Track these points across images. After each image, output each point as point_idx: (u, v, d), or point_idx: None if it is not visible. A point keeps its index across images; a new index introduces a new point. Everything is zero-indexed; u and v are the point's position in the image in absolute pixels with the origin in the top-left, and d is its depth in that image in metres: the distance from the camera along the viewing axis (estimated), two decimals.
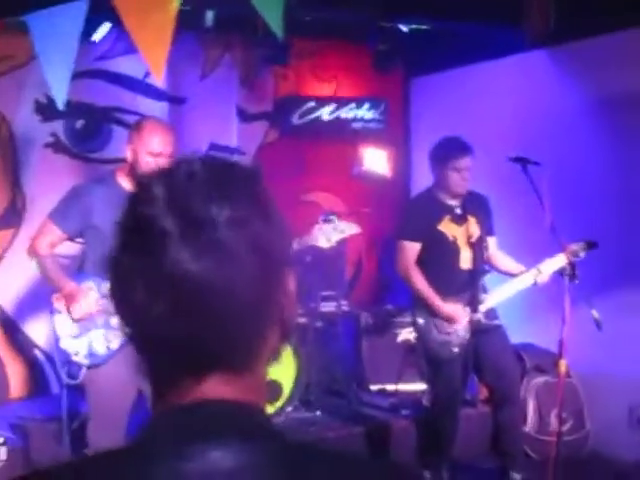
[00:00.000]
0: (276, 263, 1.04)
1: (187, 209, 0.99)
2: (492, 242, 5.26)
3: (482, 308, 5.01)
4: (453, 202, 5.09)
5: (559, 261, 4.81)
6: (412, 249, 5.06)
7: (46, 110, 6.39)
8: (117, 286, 1.03)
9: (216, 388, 1.01)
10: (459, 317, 4.95)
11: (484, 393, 6.18)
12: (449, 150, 5.01)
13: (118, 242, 1.03)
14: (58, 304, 4.22)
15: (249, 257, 0.99)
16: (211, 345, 1.00)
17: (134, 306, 1.00)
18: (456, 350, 4.98)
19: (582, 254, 4.85)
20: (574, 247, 4.82)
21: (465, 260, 5.07)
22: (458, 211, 5.09)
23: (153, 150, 4.01)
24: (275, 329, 1.07)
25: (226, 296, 0.98)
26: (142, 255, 0.99)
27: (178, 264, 0.97)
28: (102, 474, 1.00)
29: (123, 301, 1.02)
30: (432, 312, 4.98)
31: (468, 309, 5.00)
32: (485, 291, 5.09)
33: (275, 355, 1.09)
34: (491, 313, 5.09)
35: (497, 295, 5.06)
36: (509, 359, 5.22)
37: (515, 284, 5.04)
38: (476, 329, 5.01)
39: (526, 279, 4.99)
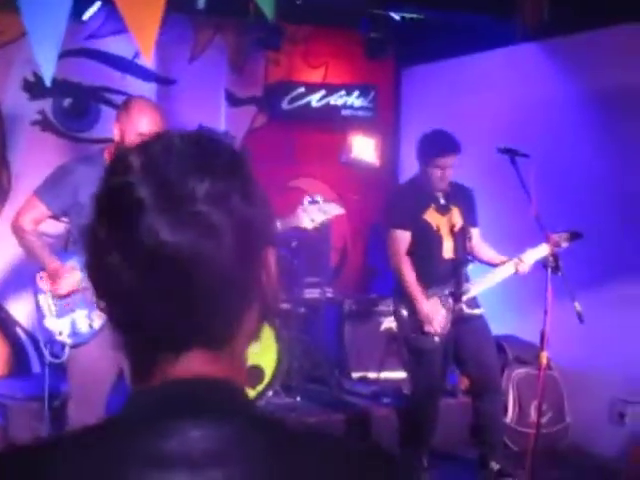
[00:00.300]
0: (257, 240, 1.03)
1: (164, 180, 0.97)
2: (475, 233, 5.27)
3: (464, 297, 5.03)
4: (437, 192, 5.10)
5: (541, 251, 4.84)
6: (404, 238, 5.07)
7: (34, 88, 6.36)
8: (93, 258, 1.01)
9: (195, 365, 1.00)
10: (435, 320, 4.96)
11: (465, 383, 6.20)
12: (434, 146, 5.00)
13: (93, 213, 1.01)
14: (42, 283, 4.20)
15: (228, 231, 0.97)
16: (189, 320, 0.98)
17: (110, 278, 0.98)
18: (437, 340, 5.00)
19: (565, 244, 4.89)
20: (557, 237, 4.85)
21: (448, 250, 5.10)
22: (442, 201, 5.11)
23: (141, 130, 3.98)
24: (254, 307, 1.04)
25: (204, 270, 0.96)
26: (117, 225, 0.97)
27: (154, 234, 0.94)
28: (78, 450, 0.99)
29: (99, 274, 1.00)
30: (414, 309, 4.99)
31: (450, 302, 5.02)
32: (467, 281, 5.11)
33: (254, 335, 1.07)
34: (472, 302, 5.11)
35: (479, 284, 5.09)
36: (490, 349, 5.24)
37: (497, 273, 5.07)
38: (458, 318, 5.03)
39: (507, 268, 5.02)
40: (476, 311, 5.13)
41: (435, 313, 4.97)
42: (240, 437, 0.97)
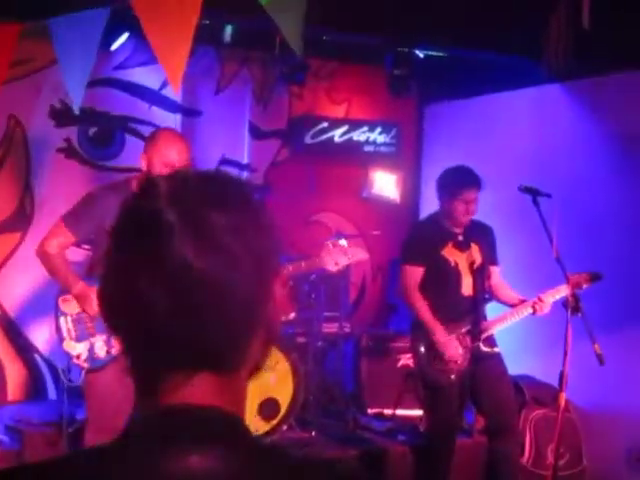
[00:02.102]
0: (268, 271, 1.08)
1: (190, 209, 1.02)
2: (496, 271, 5.25)
3: (482, 336, 5.01)
4: (457, 229, 5.10)
5: (561, 291, 4.81)
6: (415, 273, 5.06)
7: (61, 115, 6.43)
8: (115, 280, 1.04)
9: (201, 391, 1.04)
10: (453, 355, 4.94)
11: (481, 422, 6.16)
12: (457, 181, 5.00)
13: (118, 237, 1.06)
14: (64, 305, 4.22)
15: (246, 262, 1.03)
16: (205, 342, 1.03)
17: (135, 299, 1.01)
18: (453, 377, 4.97)
19: (585, 285, 4.85)
20: (578, 278, 4.82)
21: (466, 286, 5.08)
22: (461, 238, 5.09)
23: (168, 160, 4.02)
24: (260, 334, 1.09)
25: (225, 294, 1.02)
26: (146, 248, 1.01)
27: (183, 258, 0.99)
28: (82, 471, 1.02)
29: (121, 295, 1.03)
30: (431, 340, 4.97)
31: (468, 340, 5.00)
32: (485, 319, 5.09)
33: (258, 365, 1.12)
34: (490, 341, 5.08)
35: (497, 323, 5.06)
36: (506, 388, 5.17)
37: (516, 313, 5.03)
38: (475, 357, 5.00)
39: (526, 308, 4.99)
40: (494, 349, 5.10)
41: (453, 346, 4.95)
42: (238, 465, 1.01)
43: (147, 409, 1.05)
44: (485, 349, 5.04)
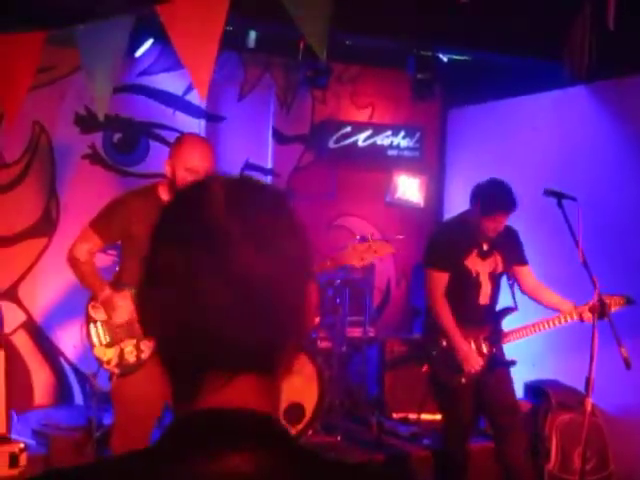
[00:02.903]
0: (306, 273, 1.11)
1: (244, 212, 1.05)
2: (527, 272, 5.19)
3: (504, 342, 5.01)
4: (483, 239, 5.04)
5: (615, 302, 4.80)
6: (442, 279, 5.02)
7: (85, 122, 6.47)
8: (172, 281, 1.04)
9: (242, 391, 1.05)
10: (472, 361, 4.93)
11: None
12: (495, 203, 4.87)
13: (166, 240, 1.07)
14: (94, 312, 4.25)
15: (294, 263, 1.07)
16: (255, 343, 1.05)
17: (197, 298, 1.03)
18: (464, 380, 4.96)
19: (615, 308, 4.79)
20: (609, 299, 4.75)
21: (484, 296, 5.04)
22: (486, 247, 5.04)
23: (192, 165, 4.03)
24: (293, 339, 1.11)
25: (280, 297, 1.05)
26: (209, 252, 1.03)
27: (244, 262, 1.02)
28: (119, 475, 1.04)
29: (179, 294, 1.04)
30: (450, 346, 4.96)
31: (485, 346, 4.99)
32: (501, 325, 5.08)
33: (290, 367, 1.13)
34: (503, 348, 5.08)
35: (524, 331, 5.03)
36: (511, 391, 5.17)
37: (553, 321, 4.99)
38: (490, 363, 4.99)
39: (570, 316, 4.94)
40: (507, 358, 5.09)
41: (472, 354, 4.94)
42: (277, 466, 1.02)
43: (187, 412, 1.06)
44: (500, 357, 5.04)
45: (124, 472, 1.04)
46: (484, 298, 5.05)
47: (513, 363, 5.09)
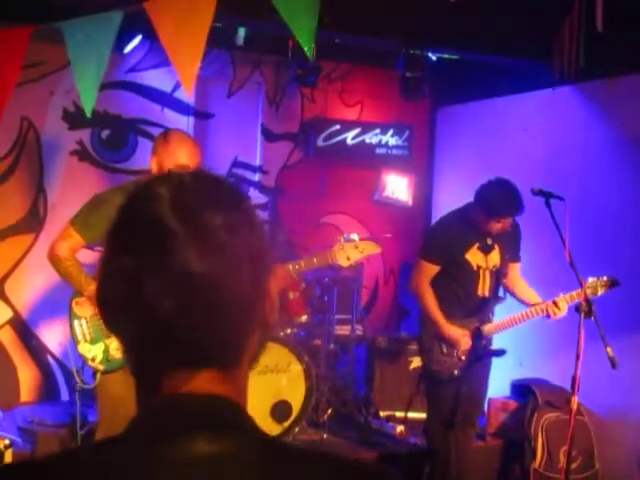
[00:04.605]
0: (263, 267, 1.11)
1: (190, 211, 1.05)
2: (515, 268, 5.26)
3: (488, 333, 5.04)
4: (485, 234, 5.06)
5: (575, 297, 4.79)
6: (430, 270, 5.07)
7: (74, 118, 6.45)
8: (120, 282, 1.05)
9: (206, 384, 1.06)
10: (462, 343, 4.96)
11: (493, 426, 6.16)
12: (505, 206, 4.89)
13: (121, 239, 1.08)
14: (78, 308, 4.23)
15: (244, 259, 1.06)
16: (208, 342, 1.06)
17: (140, 301, 1.03)
18: (456, 372, 4.99)
19: (602, 291, 4.83)
20: (595, 282, 4.80)
21: (483, 288, 5.08)
22: (489, 241, 5.06)
23: (179, 162, 4.02)
24: (257, 333, 1.12)
25: (226, 294, 1.05)
26: (151, 252, 1.04)
27: (187, 263, 1.02)
28: (91, 462, 1.05)
29: (126, 296, 1.05)
30: (437, 333, 5.00)
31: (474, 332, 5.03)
32: (492, 317, 5.12)
33: (255, 359, 1.15)
34: (491, 340, 5.13)
35: (506, 324, 5.06)
36: (485, 390, 5.35)
37: (527, 315, 5.01)
38: (480, 354, 5.02)
39: (538, 311, 4.97)
40: (493, 348, 5.15)
41: (461, 335, 4.96)
42: (242, 451, 1.04)
43: (151, 402, 1.08)
44: (489, 348, 5.10)
45: (80, 464, 1.06)
46: (482, 290, 5.09)
47: (503, 352, 5.12)
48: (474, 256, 5.04)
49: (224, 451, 1.02)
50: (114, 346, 4.15)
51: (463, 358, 5.01)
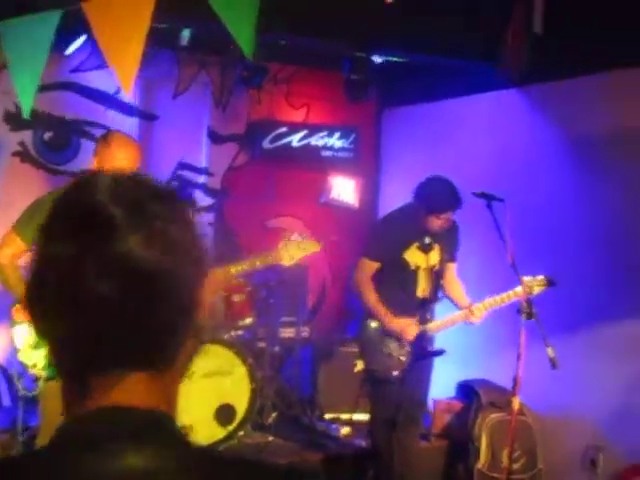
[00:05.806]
0: (198, 270, 1.08)
1: (130, 199, 1.03)
2: (451, 268, 5.32)
3: (430, 331, 5.10)
4: (425, 232, 5.10)
5: (493, 303, 4.89)
6: (370, 266, 5.14)
7: (15, 119, 6.35)
8: (56, 277, 1.02)
9: (133, 390, 1.04)
10: (409, 331, 5.00)
11: (438, 427, 6.19)
12: (442, 203, 4.95)
13: (56, 232, 1.04)
14: (18, 315, 4.17)
15: (186, 254, 1.05)
16: (145, 339, 1.03)
17: (82, 294, 1.00)
18: (396, 373, 5.02)
19: (537, 290, 4.88)
20: (531, 282, 4.85)
21: (422, 289, 5.13)
22: (427, 240, 5.10)
23: (119, 164, 3.98)
24: (190, 340, 1.10)
25: (168, 285, 1.02)
26: (91, 242, 1.00)
27: (129, 248, 1.00)
28: (17, 473, 1.02)
29: (64, 291, 1.01)
30: (383, 329, 5.04)
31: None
32: (433, 318, 5.17)
33: (185, 368, 1.12)
34: (433, 340, 5.18)
35: (440, 326, 5.12)
36: (427, 391, 5.41)
37: (452, 320, 5.12)
38: (417, 355, 5.05)
39: (460, 316, 5.09)
40: (434, 349, 5.20)
41: (407, 324, 5.02)
42: (172, 464, 1.02)
43: (78, 413, 1.05)
44: (430, 349, 5.15)
45: (17, 472, 1.02)
46: (422, 291, 5.14)
47: (442, 352, 5.17)
48: (412, 255, 5.09)
49: (153, 465, 1.00)
50: None
51: (403, 359, 5.03)
